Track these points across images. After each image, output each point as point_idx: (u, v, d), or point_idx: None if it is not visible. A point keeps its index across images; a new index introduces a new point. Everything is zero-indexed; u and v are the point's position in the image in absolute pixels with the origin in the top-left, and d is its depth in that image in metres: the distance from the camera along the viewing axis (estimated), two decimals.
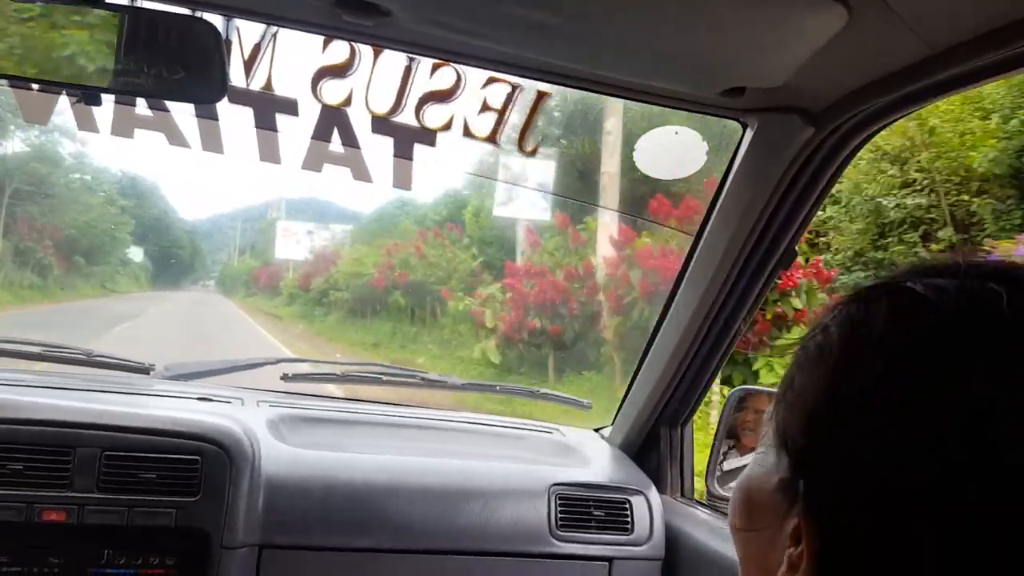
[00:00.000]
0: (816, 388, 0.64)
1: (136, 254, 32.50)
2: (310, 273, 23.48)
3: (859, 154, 1.69)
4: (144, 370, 2.30)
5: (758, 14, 1.28)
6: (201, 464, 1.81)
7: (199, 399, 2.23)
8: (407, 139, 1.86)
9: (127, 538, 1.77)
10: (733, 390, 2.20)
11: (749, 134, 1.72)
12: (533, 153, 1.82)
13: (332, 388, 2.58)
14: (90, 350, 2.26)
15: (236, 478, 1.82)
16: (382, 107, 1.81)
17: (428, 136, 1.86)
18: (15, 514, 1.69)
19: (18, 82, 1.65)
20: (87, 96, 1.41)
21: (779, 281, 4.70)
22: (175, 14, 1.41)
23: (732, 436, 2.24)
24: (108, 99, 1.53)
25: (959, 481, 0.55)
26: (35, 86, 1.69)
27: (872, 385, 0.60)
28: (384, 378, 2.60)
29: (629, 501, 2.17)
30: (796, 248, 1.88)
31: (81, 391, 2.08)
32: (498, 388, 2.77)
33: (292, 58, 1.74)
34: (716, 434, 2.21)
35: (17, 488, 1.70)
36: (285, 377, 2.46)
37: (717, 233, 1.87)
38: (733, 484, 2.26)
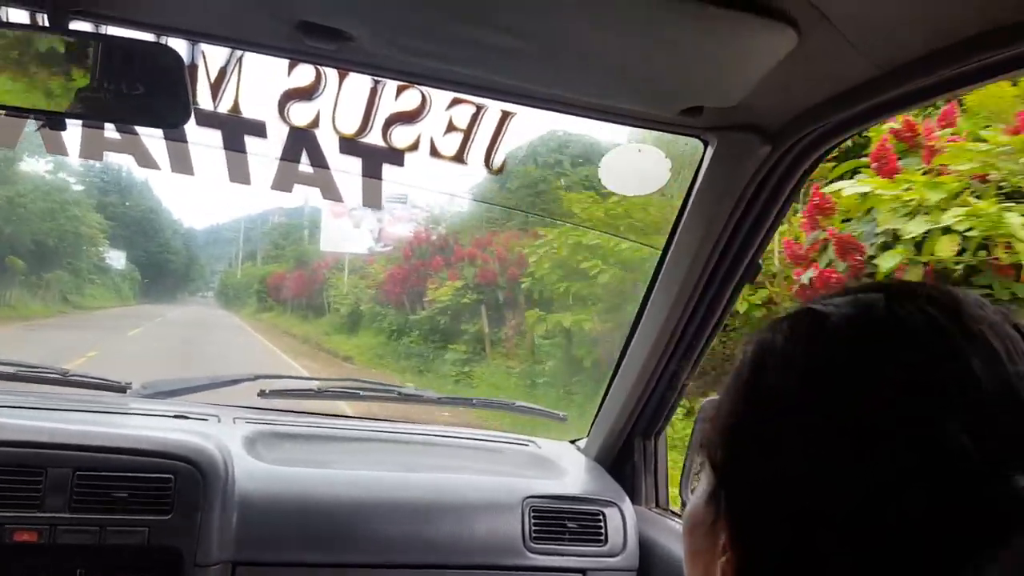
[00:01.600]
0: (730, 406, 0.69)
1: (116, 260, 28.71)
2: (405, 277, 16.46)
3: None
4: (121, 388, 2.31)
5: (712, 36, 1.31)
6: (174, 482, 1.82)
7: (175, 417, 2.24)
8: (375, 159, 1.89)
9: (100, 557, 1.78)
10: (705, 400, 2.23)
11: (709, 151, 1.75)
12: (500, 171, 1.85)
13: (310, 404, 2.58)
14: (65, 369, 2.27)
15: (209, 495, 1.83)
16: (349, 128, 1.83)
17: (396, 156, 1.89)
18: None
19: None
20: (52, 122, 1.43)
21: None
22: (139, 41, 1.43)
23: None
24: (76, 122, 1.54)
25: (859, 495, 0.58)
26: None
27: (774, 400, 0.65)
28: (361, 393, 2.62)
29: (603, 512, 2.19)
30: (760, 261, 1.92)
31: (55, 411, 2.09)
32: (474, 402, 2.79)
33: (259, 81, 1.76)
34: (689, 445, 2.23)
35: None
36: (262, 393, 2.47)
37: (683, 247, 1.90)
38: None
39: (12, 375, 2.23)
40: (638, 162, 1.91)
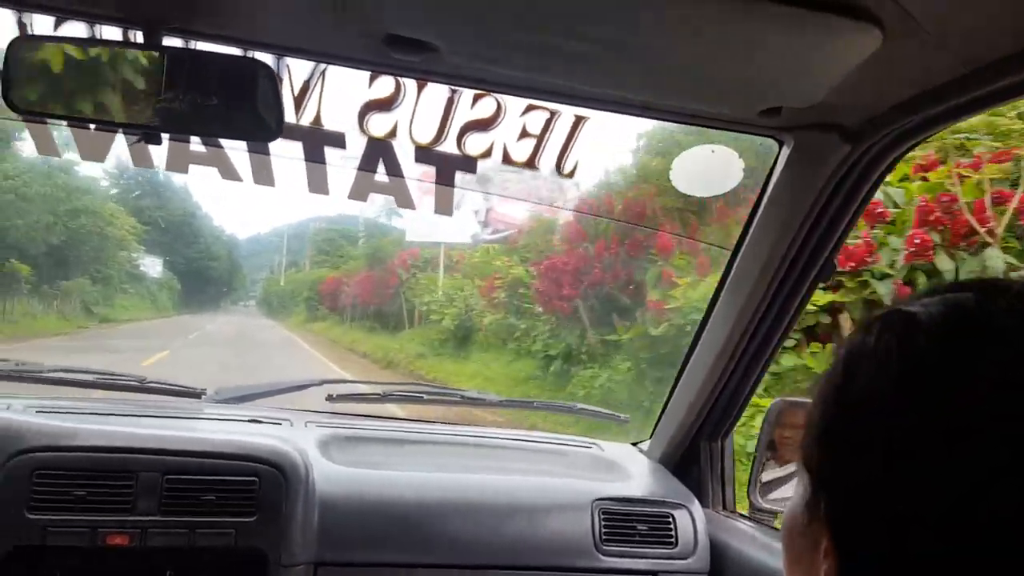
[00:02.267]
0: (823, 410, 0.70)
1: (151, 267, 26.42)
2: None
3: None
4: (196, 394, 2.36)
5: (795, 37, 1.31)
6: (258, 485, 1.86)
7: (249, 421, 2.29)
8: (449, 167, 1.92)
9: (189, 559, 1.82)
10: (773, 402, 2.22)
11: (786, 151, 1.75)
12: (571, 175, 1.87)
13: (375, 408, 2.62)
14: (143, 376, 2.33)
15: (291, 497, 1.87)
16: (425, 137, 1.87)
17: (469, 163, 1.91)
18: (80, 539, 1.74)
19: (77, 123, 1.72)
20: (148, 136, 1.47)
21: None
22: (233, 56, 1.47)
23: (771, 448, 2.26)
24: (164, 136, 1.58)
25: (952, 494, 0.58)
26: (92, 126, 1.76)
27: (866, 402, 0.65)
28: (425, 397, 2.65)
29: (672, 515, 2.19)
30: (835, 261, 1.91)
31: (138, 416, 2.14)
32: (535, 404, 2.80)
33: (340, 93, 1.80)
34: (757, 446, 2.22)
35: (81, 513, 1.75)
36: (330, 398, 2.51)
37: (755, 247, 1.90)
38: (774, 495, 2.26)
39: (92, 382, 2.29)
40: (710, 163, 1.91)
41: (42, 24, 1.51)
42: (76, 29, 1.47)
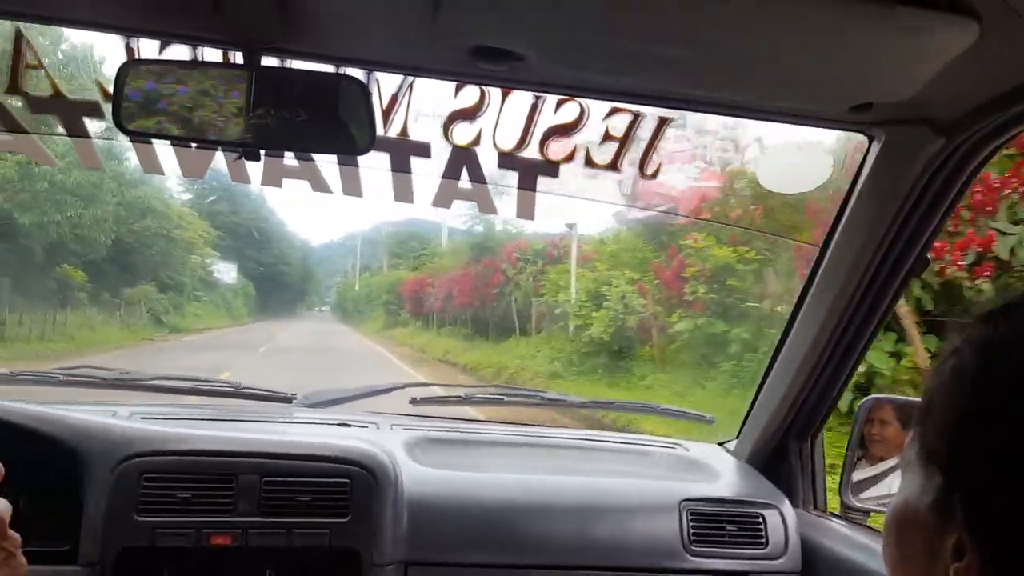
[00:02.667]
0: (958, 409, 0.68)
1: (225, 273, 25.38)
2: None
3: None
4: (287, 399, 2.44)
5: (889, 33, 1.29)
6: (350, 486, 1.91)
7: (338, 425, 2.35)
8: (531, 172, 1.94)
9: (287, 558, 1.88)
10: (864, 399, 2.18)
11: (876, 146, 1.72)
12: (655, 176, 1.87)
13: (457, 410, 2.66)
14: (237, 382, 2.42)
15: (382, 498, 1.92)
16: (508, 144, 1.89)
17: (551, 168, 1.93)
18: (186, 539, 1.82)
19: (180, 143, 1.80)
20: (247, 153, 1.52)
21: None
22: (326, 73, 1.52)
23: (860, 446, 2.21)
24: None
25: None
26: (194, 145, 1.83)
27: (1011, 392, 0.63)
28: (506, 399, 2.67)
29: (762, 515, 2.16)
30: (928, 256, 1.86)
31: (234, 421, 2.23)
32: (617, 404, 2.80)
33: (426, 104, 1.84)
34: (848, 445, 2.18)
35: (186, 515, 1.83)
36: (414, 401, 2.56)
37: (845, 243, 1.87)
38: (867, 495, 2.22)
39: (190, 389, 2.39)
40: (797, 160, 1.89)
41: (148, 48, 1.57)
42: (179, 52, 1.54)
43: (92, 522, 1.79)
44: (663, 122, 1.77)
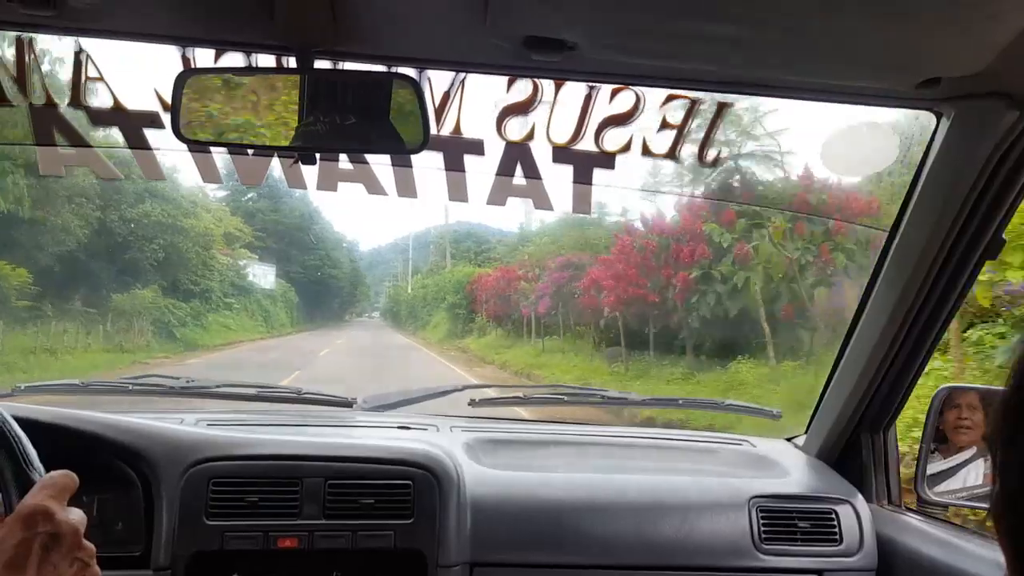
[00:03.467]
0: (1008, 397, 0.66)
1: (261, 277, 21.88)
2: None
3: None
4: (347, 404, 2.45)
5: (956, 3, 1.24)
6: (412, 488, 1.91)
7: (399, 428, 2.36)
8: (586, 165, 1.91)
9: (353, 560, 1.89)
10: (939, 388, 2.09)
11: (945, 124, 1.65)
12: (714, 164, 1.82)
13: (517, 411, 2.64)
14: (299, 388, 2.44)
15: (445, 500, 1.91)
16: (563, 137, 1.87)
17: (607, 160, 1.90)
18: (254, 542, 1.84)
19: (236, 150, 1.82)
20: (303, 158, 1.53)
21: None
22: (378, 73, 1.52)
23: (936, 438, 2.13)
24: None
25: None
26: (250, 152, 1.85)
27: None
28: (566, 398, 2.65)
29: (835, 511, 2.10)
30: (1003, 236, 1.78)
31: (298, 426, 2.25)
32: (680, 402, 2.75)
33: (479, 101, 1.83)
34: (923, 436, 2.11)
35: (254, 518, 1.85)
36: (472, 402, 2.55)
37: (915, 227, 1.81)
38: (942, 488, 2.13)
39: (254, 396, 2.42)
40: (862, 142, 1.83)
41: (203, 57, 1.59)
42: (234, 59, 1.55)
43: (163, 527, 1.81)
44: (722, 107, 1.72)
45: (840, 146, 1.88)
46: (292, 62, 1.49)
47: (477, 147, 1.93)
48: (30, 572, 0.97)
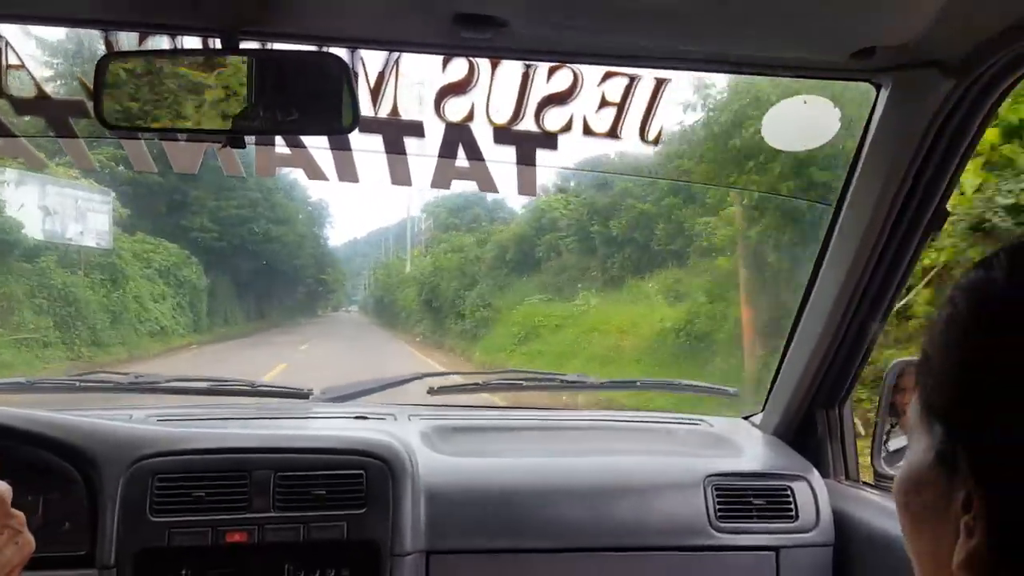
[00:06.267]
0: (954, 358, 0.65)
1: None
2: None
3: None
4: (303, 395, 2.42)
5: None
6: (365, 478, 1.88)
7: (355, 418, 2.34)
8: (529, 145, 1.89)
9: (304, 552, 1.86)
10: (892, 363, 2.10)
11: (884, 94, 1.65)
12: (656, 142, 1.81)
13: (475, 398, 2.63)
14: (252, 380, 2.41)
15: (397, 489, 1.89)
16: (503, 117, 1.84)
17: (549, 140, 1.88)
18: (202, 538, 1.81)
19: (164, 135, 1.78)
20: (233, 141, 1.50)
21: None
22: (303, 51, 1.49)
23: (892, 412, 2.14)
24: (249, 140, 1.60)
25: None
26: (181, 136, 1.81)
27: (1010, 341, 0.60)
28: (524, 383, 2.64)
29: (790, 487, 2.11)
30: (947, 208, 1.78)
31: (249, 419, 2.22)
32: (638, 383, 2.75)
33: (414, 82, 1.80)
34: (878, 411, 2.11)
35: (202, 514, 1.82)
36: (431, 390, 2.53)
37: (859, 201, 1.80)
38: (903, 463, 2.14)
39: (206, 389, 2.38)
40: (803, 115, 1.82)
41: (127, 40, 1.55)
42: (158, 42, 1.51)
43: (107, 525, 1.78)
44: (660, 83, 1.71)
45: (782, 119, 1.88)
46: (219, 43, 1.45)
47: (416, 129, 1.90)
48: None
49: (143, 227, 17.50)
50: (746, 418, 2.51)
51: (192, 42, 1.50)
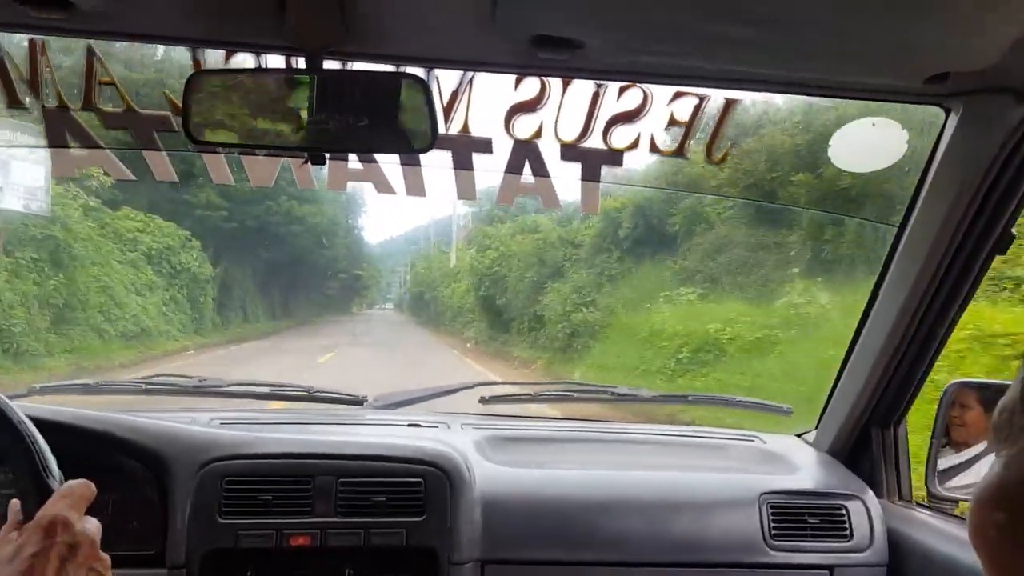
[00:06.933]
0: None
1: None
2: None
3: None
4: (358, 402, 2.46)
5: None
6: (424, 486, 1.91)
7: (409, 425, 2.37)
8: (594, 162, 1.92)
9: (364, 558, 1.89)
10: (949, 384, 2.09)
11: (953, 119, 1.65)
12: (722, 161, 1.83)
13: (527, 408, 2.65)
14: (310, 387, 2.45)
15: (456, 497, 1.92)
16: (571, 135, 1.88)
17: (615, 157, 1.91)
18: (267, 540, 1.85)
19: (246, 151, 1.83)
20: (313, 157, 1.54)
21: None
22: (385, 72, 1.53)
23: (945, 433, 2.13)
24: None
25: None
26: (259, 152, 1.86)
27: None
28: (575, 395, 2.66)
29: (846, 507, 2.10)
30: (1013, 231, 1.78)
31: (307, 424, 2.26)
32: (691, 398, 2.75)
33: (487, 99, 1.84)
34: (934, 432, 2.10)
35: (267, 517, 1.86)
36: (483, 400, 2.56)
37: (924, 222, 1.81)
38: (953, 483, 2.12)
39: (266, 394, 2.44)
40: (870, 136, 1.83)
41: (214, 59, 1.61)
42: (244, 60, 1.57)
43: (178, 526, 1.83)
44: (730, 104, 1.73)
45: (849, 140, 1.88)
46: (302, 63, 1.50)
47: (485, 145, 1.94)
48: None
49: (135, 202, 13.94)
50: (799, 436, 2.51)
51: (276, 61, 1.55)
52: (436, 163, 1.89)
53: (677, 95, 1.75)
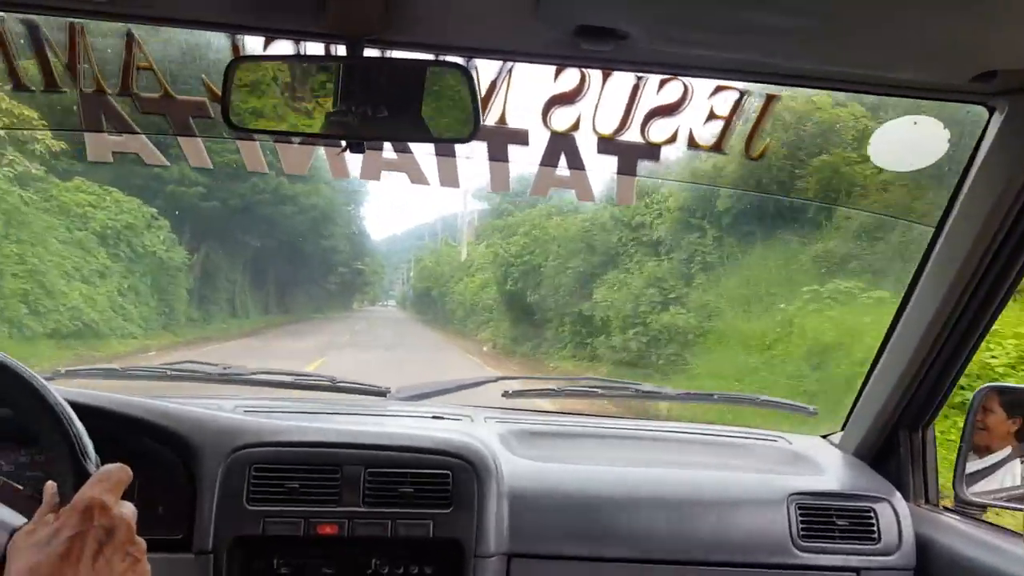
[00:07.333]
0: None
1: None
2: None
3: None
4: (381, 393, 2.46)
5: None
6: (451, 478, 1.91)
7: (432, 417, 2.36)
8: (631, 156, 1.90)
9: (391, 548, 1.89)
10: (979, 388, 2.07)
11: (998, 118, 1.63)
12: (760, 157, 1.81)
13: (549, 403, 2.64)
14: (333, 376, 2.45)
15: (483, 490, 1.91)
16: (608, 128, 1.86)
17: (652, 151, 1.89)
18: (294, 528, 1.84)
19: (283, 138, 1.83)
20: (352, 146, 1.53)
21: None
22: (427, 60, 1.52)
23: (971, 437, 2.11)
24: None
25: None
26: (295, 139, 1.86)
27: None
28: (600, 391, 2.64)
29: (873, 509, 2.08)
30: None
31: (333, 414, 2.26)
32: (716, 396, 2.73)
33: (525, 90, 1.83)
34: (963, 436, 2.08)
35: (295, 504, 1.86)
36: (506, 394, 2.55)
37: (962, 223, 1.78)
38: (978, 488, 2.10)
39: (290, 383, 2.44)
40: (912, 135, 1.81)
41: (253, 45, 1.60)
42: (283, 47, 1.56)
43: (205, 511, 1.83)
44: (771, 99, 1.71)
45: (890, 138, 1.86)
46: (342, 50, 1.49)
47: (522, 137, 1.93)
48: (84, 565, 0.97)
49: (94, 174, 11.72)
50: (824, 437, 2.49)
51: (315, 48, 1.54)
52: (471, 153, 1.88)
53: (718, 89, 1.74)
